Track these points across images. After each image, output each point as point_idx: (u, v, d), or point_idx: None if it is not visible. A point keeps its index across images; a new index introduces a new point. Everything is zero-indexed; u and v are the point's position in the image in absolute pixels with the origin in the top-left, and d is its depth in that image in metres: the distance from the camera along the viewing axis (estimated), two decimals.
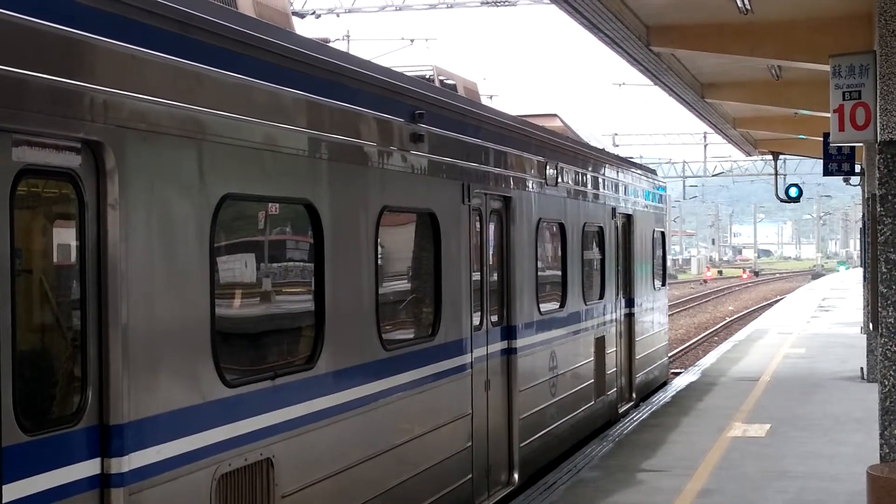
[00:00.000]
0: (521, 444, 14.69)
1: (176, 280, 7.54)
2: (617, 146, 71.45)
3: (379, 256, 10.63)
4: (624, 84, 59.77)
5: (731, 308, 63.53)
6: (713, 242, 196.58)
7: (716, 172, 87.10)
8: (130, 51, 7.11)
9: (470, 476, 12.93)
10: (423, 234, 12.08)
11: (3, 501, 6.05)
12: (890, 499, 10.41)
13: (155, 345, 7.28)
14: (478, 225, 13.48)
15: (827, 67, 12.65)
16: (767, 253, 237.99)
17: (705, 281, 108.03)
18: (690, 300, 69.04)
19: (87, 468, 6.73)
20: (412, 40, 45.25)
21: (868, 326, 23.66)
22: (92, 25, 6.79)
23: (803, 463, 15.94)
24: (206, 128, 7.87)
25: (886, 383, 11.26)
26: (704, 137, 78.05)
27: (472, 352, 13.04)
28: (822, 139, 26.00)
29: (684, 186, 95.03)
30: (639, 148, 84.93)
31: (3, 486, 6.05)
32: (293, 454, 8.89)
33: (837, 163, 26.45)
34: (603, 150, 22.48)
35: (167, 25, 7.52)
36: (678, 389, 23.91)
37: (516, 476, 14.51)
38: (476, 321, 13.27)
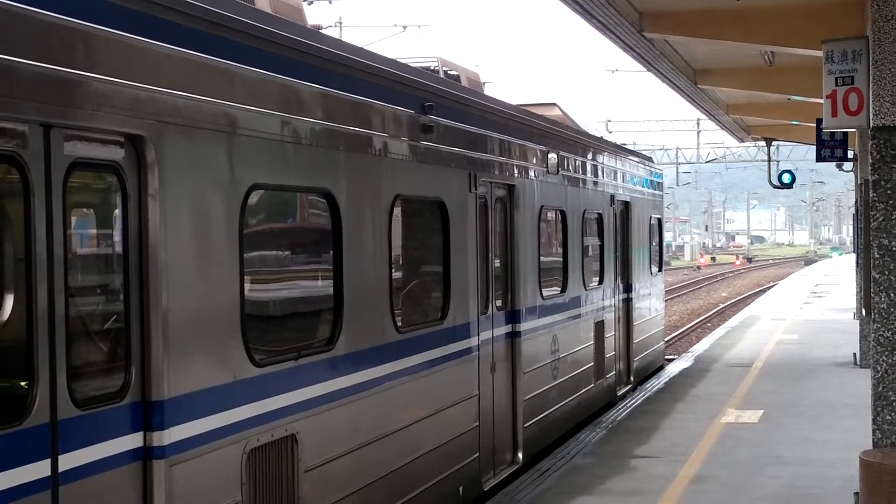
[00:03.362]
0: (525, 425, 15.16)
1: (209, 266, 8.00)
2: (610, 132, 71.67)
3: (392, 243, 11.08)
4: (617, 70, 60.27)
5: (724, 294, 63.65)
6: (706, 229, 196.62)
7: (709, 159, 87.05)
8: (168, 49, 7.56)
9: (477, 455, 13.40)
10: (433, 222, 12.54)
11: (60, 470, 6.51)
12: (883, 484, 10.39)
13: (191, 327, 7.74)
14: (483, 212, 13.93)
15: (820, 53, 12.51)
16: (761, 239, 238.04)
17: (699, 267, 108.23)
18: (684, 286, 69.05)
19: (132, 441, 7.20)
20: (405, 27, 45.60)
21: (861, 312, 23.89)
22: (133, 26, 7.24)
23: (796, 449, 15.99)
24: (235, 121, 8.32)
25: (879, 369, 11.20)
26: (697, 124, 78.23)
27: (478, 335, 13.51)
28: (814, 125, 25.75)
29: (677, 173, 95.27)
30: (632, 134, 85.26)
31: (60, 456, 6.53)
32: (315, 431, 9.35)
33: (830, 149, 26.35)
34: (601, 138, 22.93)
35: (200, 25, 7.96)
36: (671, 375, 24.06)
37: (520, 455, 14.99)
38: (482, 305, 13.74)
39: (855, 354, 25.02)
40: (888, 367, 11.13)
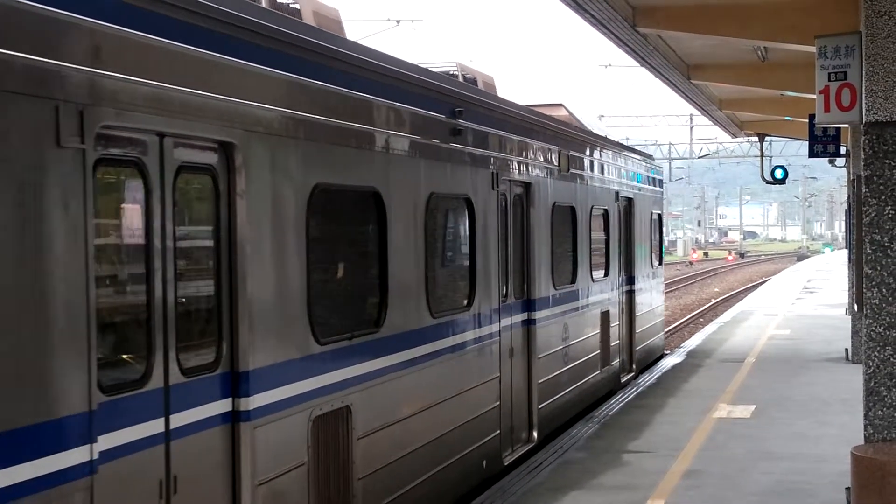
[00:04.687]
0: (540, 406, 16.35)
1: (283, 255, 9.16)
2: (609, 128, 72.10)
3: (427, 236, 12.24)
4: (610, 65, 58.44)
5: (716, 290, 63.82)
6: (699, 224, 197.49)
7: (702, 154, 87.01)
8: (250, 67, 8.70)
9: (498, 432, 14.57)
10: (461, 217, 13.71)
11: (171, 427, 7.67)
12: (874, 479, 10.36)
13: (270, 308, 8.91)
14: (504, 208, 15.09)
15: (813, 49, 12.26)
16: (753, 235, 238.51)
17: (691, 263, 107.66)
18: (676, 282, 68.57)
19: (223, 406, 8.38)
20: (398, 21, 46.31)
21: (853, 307, 23.77)
22: (223, 47, 8.38)
23: (788, 444, 16.01)
24: (303, 129, 9.49)
25: (871, 364, 11.08)
26: (690, 119, 78.30)
27: (500, 321, 14.68)
28: (807, 121, 25.58)
29: (670, 168, 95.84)
30: (625, 130, 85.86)
31: (171, 416, 7.70)
32: (365, 403, 10.52)
33: (823, 144, 26.23)
34: (606, 137, 24.09)
35: (273, 45, 9.11)
36: (664, 370, 24.23)
37: (535, 434, 16.18)
38: (502, 294, 14.90)
39: (847, 350, 25.20)
40: (880, 363, 11.05)
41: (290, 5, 11.21)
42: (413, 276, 11.85)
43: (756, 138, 39.22)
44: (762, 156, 39.04)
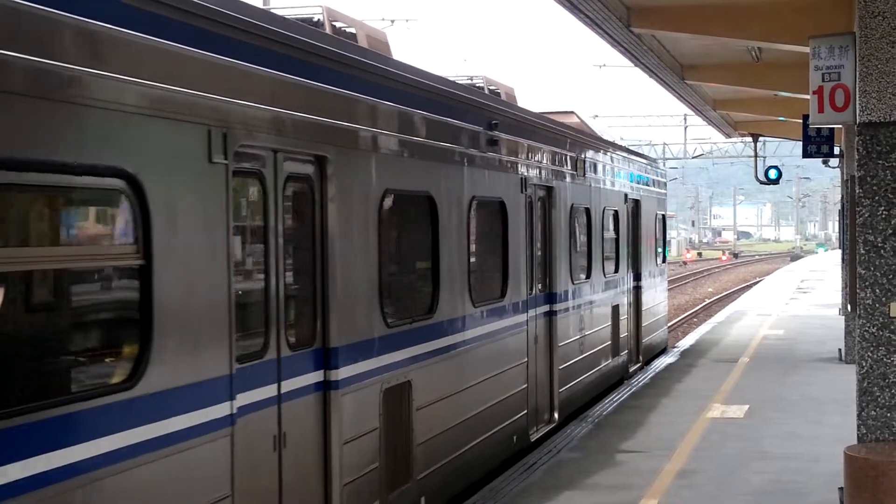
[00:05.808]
0: (560, 390, 17.96)
1: (362, 250, 10.77)
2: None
3: (470, 234, 13.85)
4: (604, 66, 58.94)
5: (710, 290, 64.30)
6: (693, 224, 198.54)
7: (696, 154, 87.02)
8: (340, 92, 10.30)
9: (525, 411, 16.19)
10: (496, 218, 15.33)
11: (282, 392, 9.27)
12: (867, 479, 10.49)
13: (352, 294, 10.51)
14: (530, 210, 16.69)
15: (807, 49, 12.27)
16: (747, 235, 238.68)
17: (685, 263, 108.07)
18: (670, 282, 64.36)
19: (317, 376, 9.99)
20: (392, 21, 47.36)
21: (846, 308, 24.20)
22: (320, 76, 9.99)
23: (782, 444, 16.16)
24: (377, 143, 11.11)
25: (864, 364, 11.17)
26: (684, 119, 78.51)
27: (527, 311, 16.29)
28: (801, 121, 26.07)
29: (664, 168, 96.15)
30: (619, 130, 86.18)
31: (282, 382, 9.31)
32: (422, 379, 12.14)
33: (817, 145, 26.59)
34: (614, 142, 25.70)
35: (354, 72, 10.72)
36: (658, 370, 24.57)
37: (556, 415, 17.80)
38: (529, 287, 16.50)
39: (840, 350, 25.41)
40: (873, 363, 11.14)
41: (346, 29, 12.74)
42: (458, 270, 13.47)
43: (750, 138, 39.70)
44: (756, 156, 39.67)
